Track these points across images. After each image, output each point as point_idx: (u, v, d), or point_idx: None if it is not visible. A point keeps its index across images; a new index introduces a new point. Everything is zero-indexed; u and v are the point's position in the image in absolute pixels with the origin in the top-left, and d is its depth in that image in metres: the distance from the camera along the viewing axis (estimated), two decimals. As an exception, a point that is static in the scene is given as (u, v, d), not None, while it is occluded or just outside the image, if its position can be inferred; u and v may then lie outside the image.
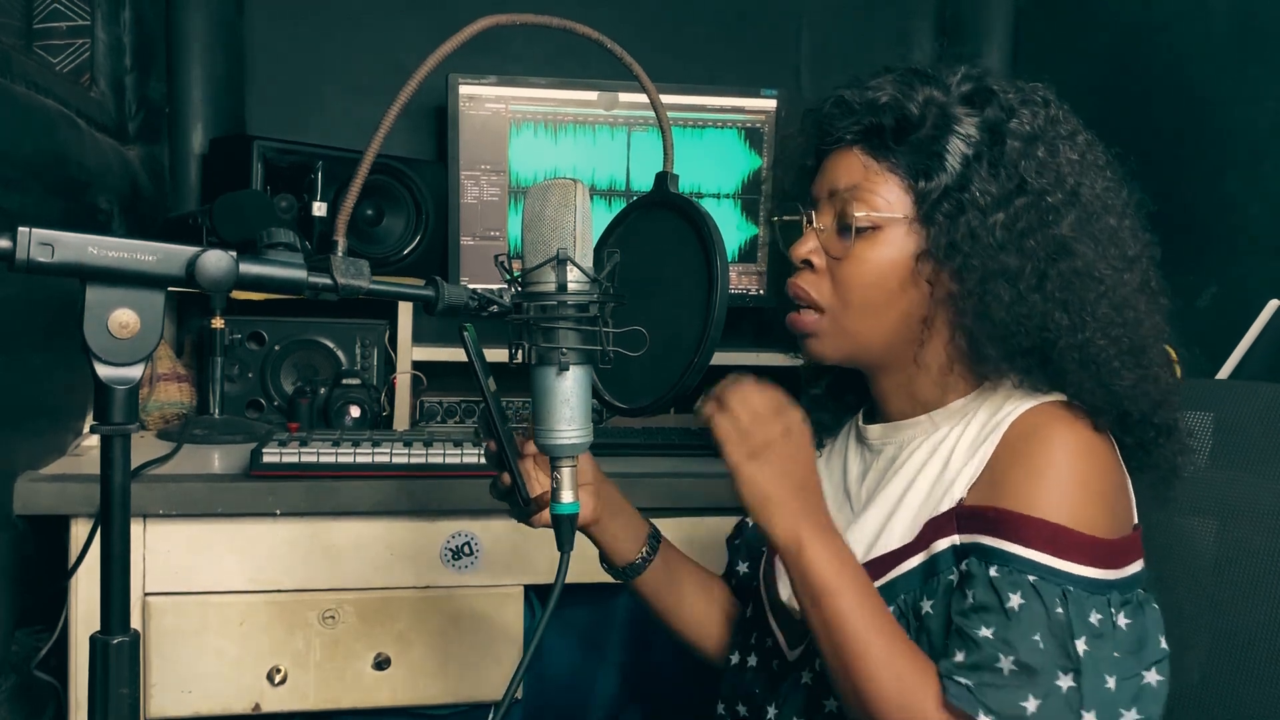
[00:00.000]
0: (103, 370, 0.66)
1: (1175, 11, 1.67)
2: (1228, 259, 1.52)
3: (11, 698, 1.28)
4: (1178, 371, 0.97)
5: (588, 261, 0.79)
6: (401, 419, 1.74)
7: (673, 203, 0.89)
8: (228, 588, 1.34)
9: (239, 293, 1.56)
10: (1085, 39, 1.92)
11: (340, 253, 0.73)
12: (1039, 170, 0.92)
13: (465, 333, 0.85)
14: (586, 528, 1.06)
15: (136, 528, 1.31)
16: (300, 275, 0.71)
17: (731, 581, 1.20)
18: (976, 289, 0.91)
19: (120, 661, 0.68)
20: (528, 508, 0.95)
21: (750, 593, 1.14)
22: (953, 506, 0.92)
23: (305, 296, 0.72)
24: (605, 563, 1.11)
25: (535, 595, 1.46)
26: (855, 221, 0.95)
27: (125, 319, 0.66)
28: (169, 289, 0.68)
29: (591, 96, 1.87)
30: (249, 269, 0.69)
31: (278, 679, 1.35)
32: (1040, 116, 0.94)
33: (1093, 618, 0.84)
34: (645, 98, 0.87)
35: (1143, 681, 0.85)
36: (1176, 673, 0.89)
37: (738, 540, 1.21)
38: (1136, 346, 0.93)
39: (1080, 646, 0.83)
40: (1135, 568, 0.89)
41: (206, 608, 1.33)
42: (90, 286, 0.65)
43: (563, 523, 0.83)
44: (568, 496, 0.83)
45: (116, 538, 0.68)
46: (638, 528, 1.11)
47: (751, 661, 1.09)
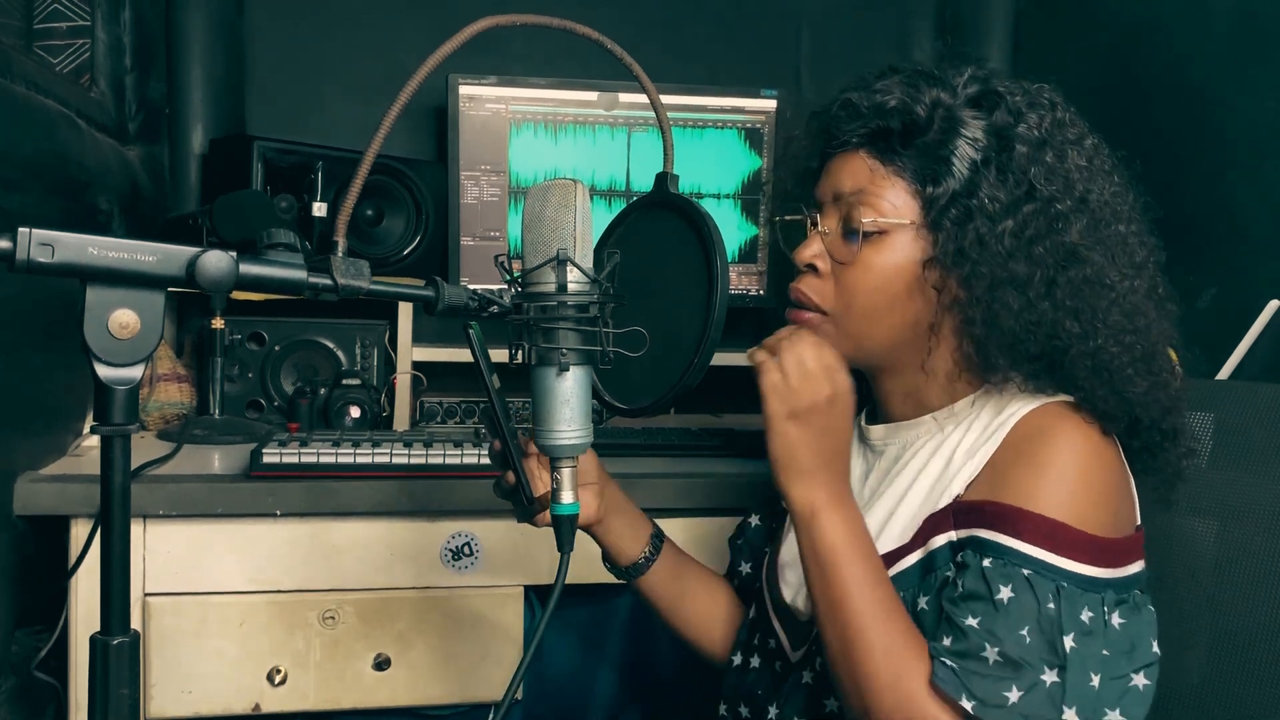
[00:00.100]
0: (103, 371, 0.66)
1: (1175, 11, 1.67)
2: (1228, 259, 1.51)
3: (11, 698, 1.27)
4: (1178, 372, 0.97)
5: (588, 262, 0.79)
6: (401, 419, 1.74)
7: (673, 203, 0.89)
8: (228, 588, 1.34)
9: (239, 293, 1.57)
10: (1085, 39, 1.92)
11: (340, 253, 0.73)
12: (1048, 176, 0.91)
13: (470, 330, 0.85)
14: (589, 527, 1.06)
15: (136, 528, 1.31)
16: (300, 275, 0.71)
17: (734, 581, 1.20)
18: (985, 296, 0.91)
19: (120, 662, 0.68)
20: (531, 507, 0.95)
21: (753, 593, 1.14)
22: (950, 503, 0.93)
23: (305, 297, 0.72)
24: (608, 562, 1.11)
25: (535, 595, 1.46)
26: (861, 226, 0.94)
27: (125, 319, 0.66)
28: (169, 289, 0.68)
29: (591, 97, 1.87)
30: (249, 269, 0.69)
31: (278, 679, 1.35)
32: (1048, 120, 0.93)
33: (1084, 615, 0.84)
34: (645, 98, 0.88)
35: (1130, 683, 0.85)
36: (1176, 673, 0.89)
37: (740, 540, 1.21)
38: (1147, 353, 0.92)
39: (1068, 643, 0.83)
40: (1134, 568, 0.89)
41: (206, 608, 1.33)
42: (90, 287, 0.65)
43: (563, 523, 0.83)
44: (568, 497, 0.83)
45: (116, 538, 0.68)
46: (641, 527, 1.11)
47: (754, 663, 1.09)
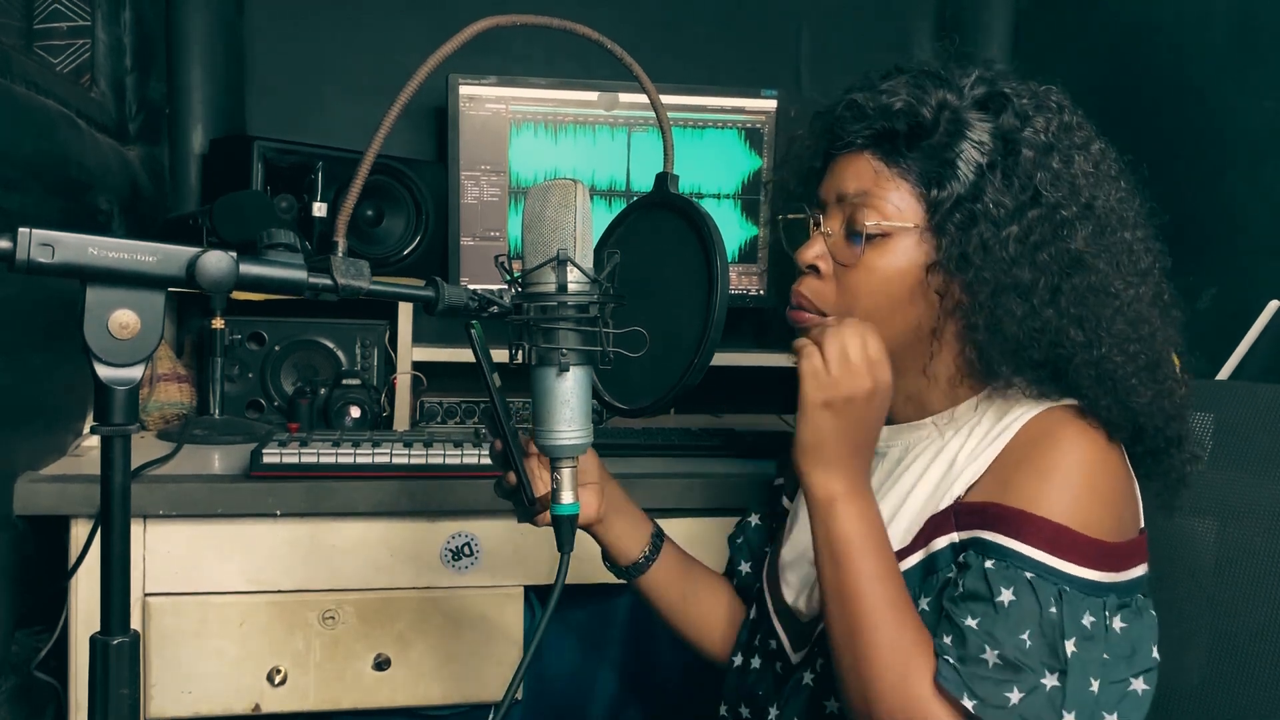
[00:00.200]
0: (103, 371, 0.66)
1: (1175, 11, 1.67)
2: (1228, 260, 1.51)
3: (11, 698, 1.27)
4: (1178, 372, 0.97)
5: (588, 262, 0.79)
6: (401, 419, 1.74)
7: (673, 203, 0.89)
8: (228, 588, 1.34)
9: (239, 293, 1.57)
10: (1085, 39, 1.92)
11: (340, 253, 0.73)
12: (1053, 182, 0.90)
13: (472, 329, 0.85)
14: (590, 526, 1.06)
15: (136, 528, 1.31)
16: (300, 276, 0.71)
17: (733, 581, 1.19)
18: (988, 302, 0.90)
19: (120, 662, 0.68)
20: (532, 507, 0.95)
21: (753, 594, 1.14)
22: (952, 504, 0.92)
23: (305, 297, 0.72)
24: (608, 561, 1.11)
25: (535, 596, 1.46)
26: (865, 228, 0.94)
27: (125, 319, 0.66)
28: (169, 289, 0.68)
29: (591, 97, 1.87)
30: (249, 269, 0.69)
31: (278, 679, 1.35)
32: (1055, 124, 0.93)
33: (1086, 620, 0.84)
34: (645, 98, 0.87)
35: (1129, 688, 0.85)
36: (1176, 673, 0.89)
37: (740, 539, 1.21)
38: (1152, 362, 0.92)
39: (1069, 648, 0.83)
40: (1137, 572, 0.89)
41: (206, 608, 1.33)
42: (90, 287, 0.65)
43: (563, 523, 0.83)
44: (568, 497, 0.82)
45: (116, 538, 0.68)
46: (641, 526, 1.11)
47: (755, 663, 1.09)
